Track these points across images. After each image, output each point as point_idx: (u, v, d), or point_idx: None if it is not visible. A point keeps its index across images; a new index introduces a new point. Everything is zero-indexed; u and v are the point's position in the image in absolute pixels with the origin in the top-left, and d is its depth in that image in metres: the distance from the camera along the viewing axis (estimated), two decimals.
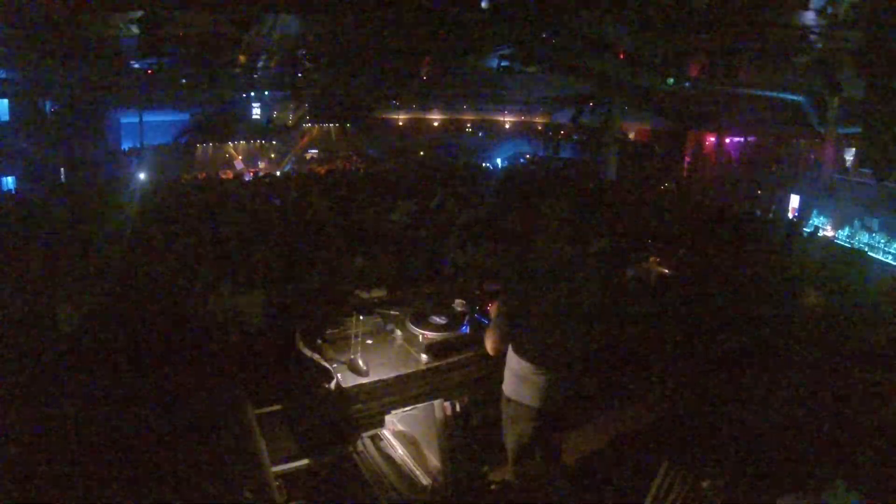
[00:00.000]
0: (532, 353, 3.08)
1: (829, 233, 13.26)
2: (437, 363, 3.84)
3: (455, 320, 4.22)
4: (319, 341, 4.11)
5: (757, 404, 3.98)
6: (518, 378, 3.14)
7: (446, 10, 10.46)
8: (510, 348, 3.19)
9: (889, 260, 11.61)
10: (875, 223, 12.57)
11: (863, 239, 12.53)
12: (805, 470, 2.79)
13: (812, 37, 10.18)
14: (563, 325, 3.09)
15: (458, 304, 4.41)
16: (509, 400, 3.19)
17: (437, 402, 2.98)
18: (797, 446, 3.19)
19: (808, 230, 12.92)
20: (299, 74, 15.83)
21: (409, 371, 3.76)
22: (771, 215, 14.48)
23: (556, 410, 3.17)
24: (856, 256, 9.82)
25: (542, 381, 3.07)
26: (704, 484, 2.64)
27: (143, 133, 19.40)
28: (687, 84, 15.07)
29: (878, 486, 2.64)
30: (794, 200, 15.39)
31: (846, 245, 12.38)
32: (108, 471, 2.92)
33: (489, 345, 3.17)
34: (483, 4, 9.13)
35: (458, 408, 2.99)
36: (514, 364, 3.16)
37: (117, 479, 2.83)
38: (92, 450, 3.13)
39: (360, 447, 3.36)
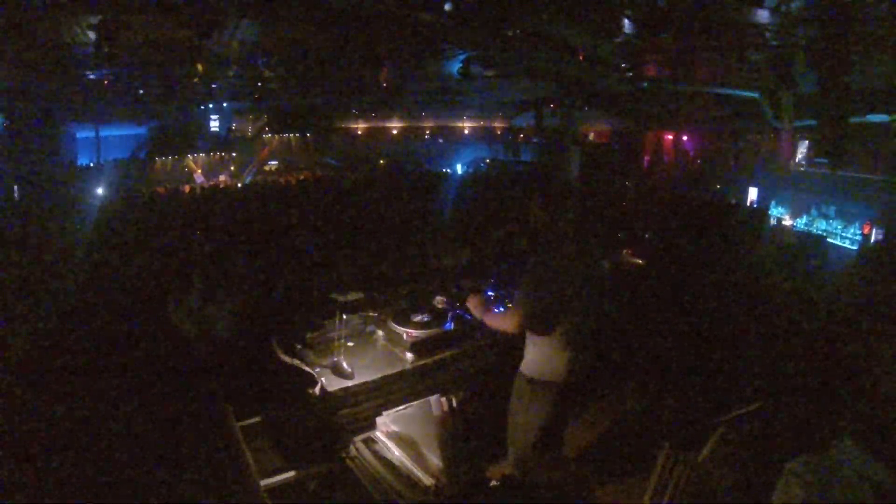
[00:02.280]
0: (558, 332, 3.16)
1: (788, 222, 13.57)
2: (423, 361, 3.77)
3: (437, 317, 4.16)
4: (299, 346, 4.01)
5: (750, 375, 4.03)
6: (543, 358, 3.20)
7: (405, 17, 10.43)
8: (533, 332, 3.25)
9: (846, 244, 11.91)
10: (831, 210, 12.89)
11: (820, 226, 12.83)
12: (812, 431, 2.82)
13: (766, 34, 10.40)
14: (582, 306, 3.19)
15: (439, 301, 4.36)
16: (533, 381, 3.23)
17: (433, 398, 2.92)
18: (801, 410, 3.23)
19: (772, 221, 13.25)
20: (259, 84, 15.62)
21: (396, 371, 3.67)
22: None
23: (575, 386, 3.26)
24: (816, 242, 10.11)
25: (567, 357, 3.17)
26: (702, 456, 2.64)
27: (101, 148, 18.95)
28: (644, 84, 15.32)
29: (886, 440, 2.68)
30: (753, 193, 15.71)
31: (805, 232, 12.69)
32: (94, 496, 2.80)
33: (511, 324, 3.24)
34: (446, 7, 9.11)
35: (454, 403, 2.93)
36: (539, 344, 3.23)
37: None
38: (75, 474, 2.99)
39: (353, 452, 3.27)
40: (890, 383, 3.65)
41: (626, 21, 10.33)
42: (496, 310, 4.09)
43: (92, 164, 19.21)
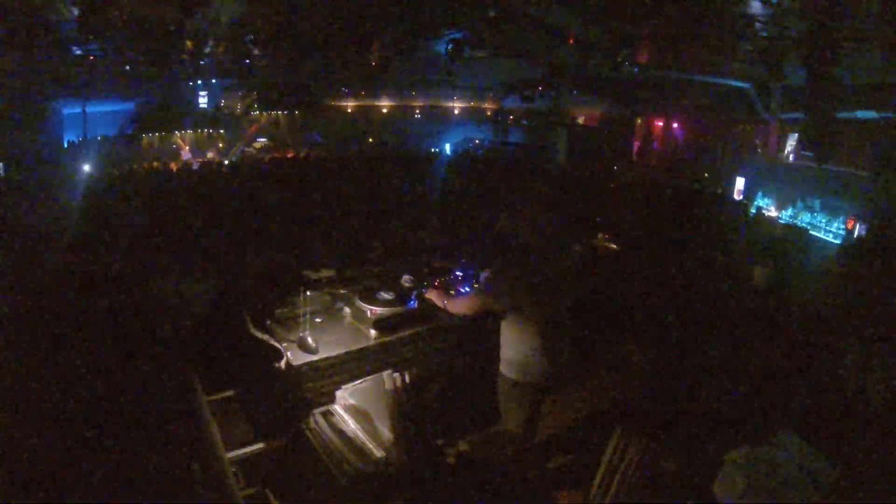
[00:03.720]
0: (536, 335, 3.24)
1: (773, 213, 13.62)
2: (385, 338, 3.84)
3: (403, 296, 4.23)
4: (269, 322, 4.07)
5: (702, 365, 4.08)
6: (524, 360, 3.30)
7: None
8: (511, 330, 3.32)
9: (830, 238, 11.96)
10: (817, 204, 12.93)
11: (805, 219, 12.86)
12: (753, 423, 2.88)
13: (757, 25, 10.41)
14: (552, 291, 3.27)
15: (406, 280, 4.43)
16: (516, 383, 3.33)
17: (385, 374, 2.98)
18: (744, 403, 3.29)
19: (752, 211, 13.29)
20: (247, 61, 15.53)
21: (359, 347, 3.74)
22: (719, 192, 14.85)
23: (552, 384, 3.36)
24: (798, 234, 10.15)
25: (548, 359, 3.27)
26: (655, 445, 2.70)
27: (87, 124, 18.78)
28: (635, 70, 15.30)
29: (823, 433, 2.75)
30: (740, 182, 15.75)
31: (789, 223, 12.75)
32: (50, 467, 2.82)
33: (471, 309, 3.41)
34: None
35: (407, 379, 3.00)
36: (517, 348, 3.31)
37: (59, 475, 2.73)
38: (35, 442, 3.02)
39: (312, 424, 3.34)
40: (854, 380, 3.72)
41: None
42: (462, 290, 4.17)
43: (79, 141, 19.05)
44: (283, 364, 3.62)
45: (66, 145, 19.01)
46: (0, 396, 3.46)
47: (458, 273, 4.55)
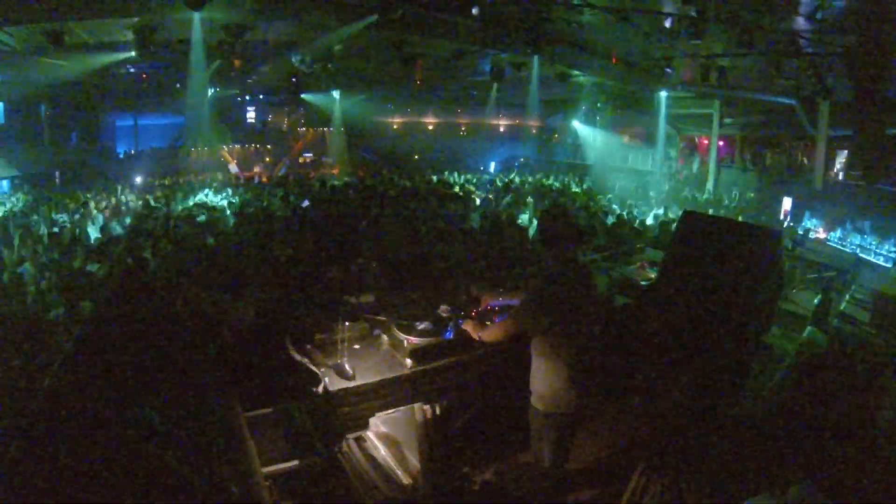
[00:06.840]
0: (568, 366, 3.26)
1: (821, 235, 13.29)
2: (420, 368, 3.91)
3: (439, 326, 4.28)
4: (308, 346, 4.18)
5: (729, 409, 4.05)
6: (554, 391, 3.32)
7: (440, 16, 10.59)
8: (541, 363, 3.36)
9: (881, 261, 11.64)
10: (866, 225, 12.60)
11: (854, 241, 12.55)
12: (772, 471, 2.87)
13: (802, 41, 10.28)
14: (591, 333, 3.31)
15: (443, 310, 4.47)
16: (546, 415, 3.36)
17: (416, 406, 3.06)
18: (765, 449, 3.27)
19: (799, 233, 12.97)
20: (294, 79, 15.91)
21: (394, 375, 3.82)
22: (762, 219, 14.53)
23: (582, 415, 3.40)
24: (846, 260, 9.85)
25: (578, 389, 3.27)
26: (676, 483, 2.73)
27: (138, 136, 19.43)
28: (679, 87, 15.21)
29: (843, 485, 2.73)
30: (787, 203, 15.43)
31: (837, 247, 12.41)
32: (92, 472, 2.97)
33: (506, 334, 3.46)
34: (473, 11, 9.23)
35: (437, 411, 3.08)
36: (548, 377, 3.34)
37: (102, 481, 2.87)
38: (78, 451, 3.17)
39: (345, 448, 3.45)
40: (888, 430, 3.62)
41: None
42: (497, 320, 4.20)
43: (131, 152, 19.70)
44: (320, 388, 3.74)
45: (119, 156, 19.66)
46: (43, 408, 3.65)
47: (495, 305, 4.56)
